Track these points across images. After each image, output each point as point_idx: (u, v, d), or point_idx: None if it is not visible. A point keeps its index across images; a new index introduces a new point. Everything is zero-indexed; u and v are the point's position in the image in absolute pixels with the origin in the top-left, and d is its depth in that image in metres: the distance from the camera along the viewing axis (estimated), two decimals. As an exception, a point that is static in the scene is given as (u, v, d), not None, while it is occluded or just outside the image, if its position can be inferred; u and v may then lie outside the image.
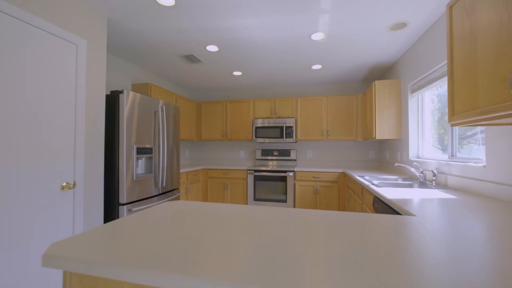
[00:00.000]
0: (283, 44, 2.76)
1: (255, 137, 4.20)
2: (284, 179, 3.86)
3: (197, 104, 4.59)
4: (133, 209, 2.31)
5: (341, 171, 3.65)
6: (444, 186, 2.04)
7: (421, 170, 2.33)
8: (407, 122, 2.86)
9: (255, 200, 3.99)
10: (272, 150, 4.44)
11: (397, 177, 2.69)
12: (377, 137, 3.09)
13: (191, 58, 3.17)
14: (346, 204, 3.52)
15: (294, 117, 4.12)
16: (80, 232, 1.54)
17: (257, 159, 4.54)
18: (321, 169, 3.76)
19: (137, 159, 2.37)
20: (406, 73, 2.91)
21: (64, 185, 1.78)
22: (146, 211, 1.14)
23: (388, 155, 3.60)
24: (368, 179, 2.53)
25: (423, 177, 2.31)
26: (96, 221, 2.06)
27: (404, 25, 2.31)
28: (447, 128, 2.22)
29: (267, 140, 4.15)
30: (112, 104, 2.28)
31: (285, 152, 4.39)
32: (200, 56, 3.10)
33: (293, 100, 4.16)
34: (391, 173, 3.11)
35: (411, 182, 2.31)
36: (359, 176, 2.80)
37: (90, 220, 2.01)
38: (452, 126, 1.32)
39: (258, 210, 1.15)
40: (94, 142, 2.05)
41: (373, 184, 2.15)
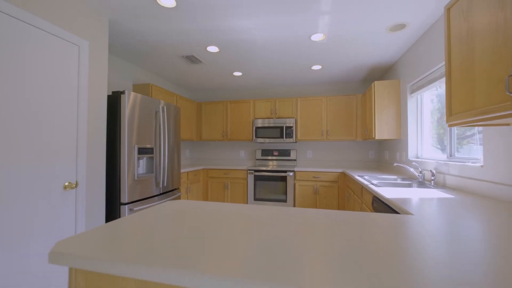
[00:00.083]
0: (283, 44, 2.77)
1: (255, 137, 4.22)
2: (284, 179, 3.88)
3: (198, 104, 4.60)
4: (134, 209, 2.33)
5: (341, 171, 3.66)
6: (442, 185, 2.06)
7: (420, 170, 2.35)
8: (406, 122, 2.87)
9: (255, 200, 4.01)
10: (272, 150, 4.46)
11: (396, 177, 2.70)
12: (377, 137, 3.10)
13: (191, 59, 3.19)
14: (345, 204, 3.53)
15: (294, 117, 4.14)
16: (82, 231, 1.56)
17: (257, 159, 4.56)
18: (321, 169, 3.77)
19: (138, 159, 2.39)
20: (406, 74, 2.92)
21: (66, 184, 1.80)
22: (147, 210, 1.16)
23: (388, 155, 3.62)
24: (367, 179, 2.54)
25: (422, 177, 2.33)
26: (98, 220, 2.08)
27: (403, 26, 2.33)
28: (447, 128, 2.24)
29: (267, 140, 4.17)
30: (113, 105, 2.31)
31: (285, 152, 4.41)
32: (200, 56, 3.12)
33: (293, 100, 4.17)
34: (390, 173, 3.13)
35: (410, 182, 2.32)
36: (358, 176, 2.81)
37: (92, 220, 2.03)
38: (449, 126, 1.34)
39: (258, 209, 1.16)
40: (96, 142, 2.07)
41: (372, 183, 2.17)
